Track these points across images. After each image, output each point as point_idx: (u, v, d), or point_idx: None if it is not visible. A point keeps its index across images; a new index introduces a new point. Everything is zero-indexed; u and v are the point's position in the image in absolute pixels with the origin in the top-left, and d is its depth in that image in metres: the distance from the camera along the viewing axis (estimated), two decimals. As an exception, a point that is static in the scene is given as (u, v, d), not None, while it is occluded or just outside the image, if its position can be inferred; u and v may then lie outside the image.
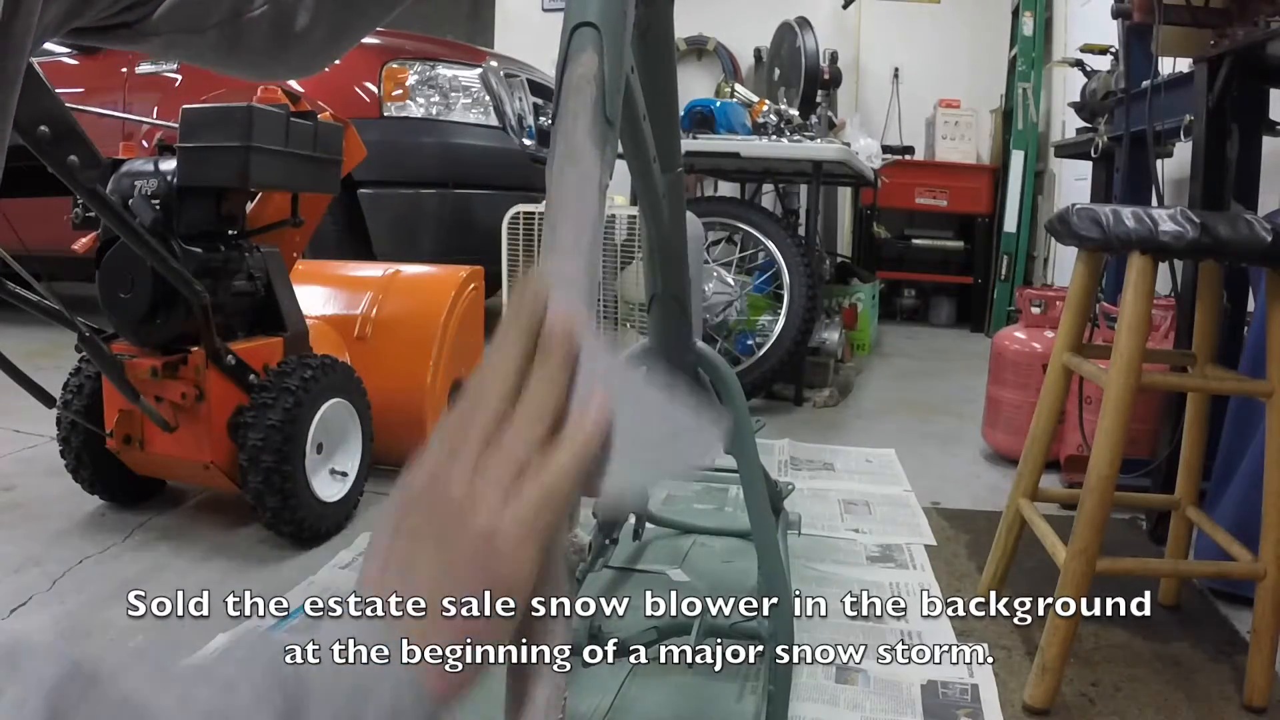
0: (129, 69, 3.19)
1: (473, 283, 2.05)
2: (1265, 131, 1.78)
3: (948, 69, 5.21)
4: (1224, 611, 1.46)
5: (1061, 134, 4.21)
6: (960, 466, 2.29)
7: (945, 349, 4.25)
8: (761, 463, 1.15)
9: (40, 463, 1.94)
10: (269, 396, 1.54)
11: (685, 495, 1.98)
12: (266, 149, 1.55)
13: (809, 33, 3.99)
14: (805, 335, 2.78)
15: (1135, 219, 1.15)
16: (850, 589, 1.51)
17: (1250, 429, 1.44)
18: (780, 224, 2.89)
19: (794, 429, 2.53)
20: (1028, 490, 1.44)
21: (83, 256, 1.67)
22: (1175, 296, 1.77)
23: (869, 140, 4.09)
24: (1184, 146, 2.27)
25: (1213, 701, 1.20)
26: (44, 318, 1.47)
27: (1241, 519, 1.38)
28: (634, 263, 2.44)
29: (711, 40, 5.47)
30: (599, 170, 0.56)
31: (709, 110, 3.05)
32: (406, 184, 3.06)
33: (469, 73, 3.26)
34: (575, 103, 0.57)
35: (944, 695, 1.19)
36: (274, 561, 1.54)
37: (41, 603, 1.35)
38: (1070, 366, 1.37)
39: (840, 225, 5.27)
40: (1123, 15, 2.00)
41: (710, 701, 1.17)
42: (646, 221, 1.01)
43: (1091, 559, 1.16)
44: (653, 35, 0.86)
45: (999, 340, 2.35)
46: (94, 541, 1.57)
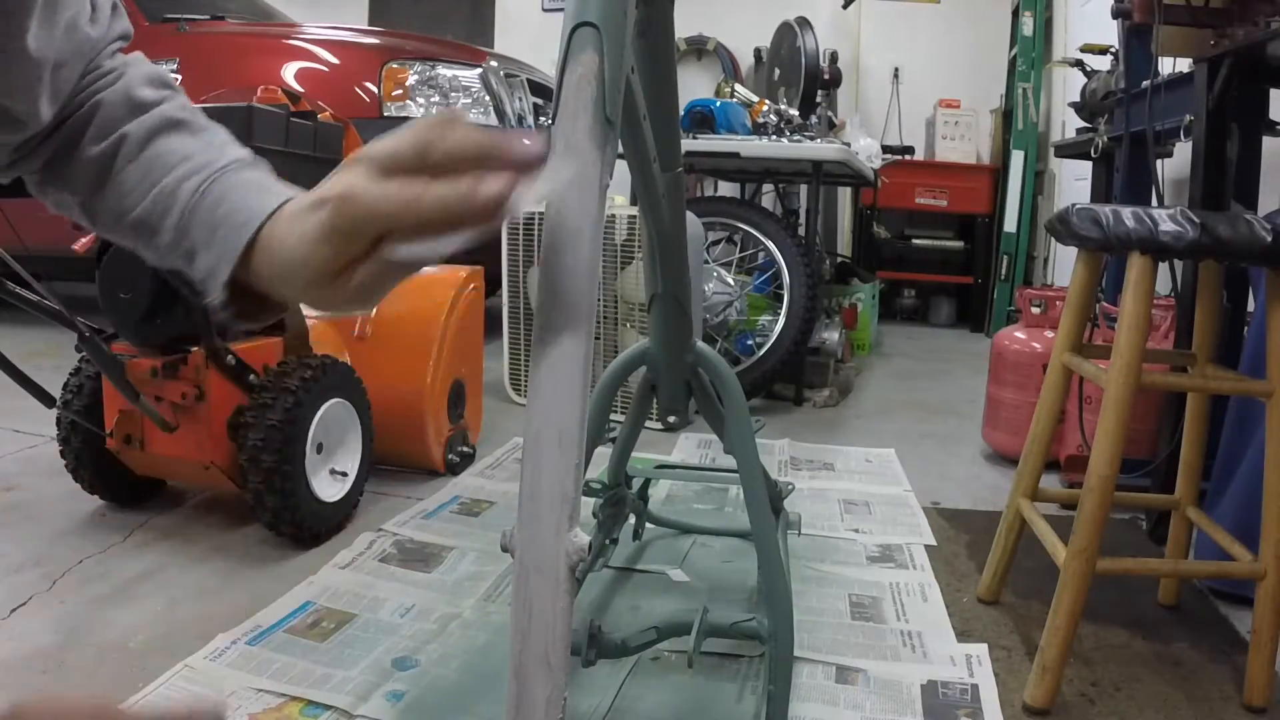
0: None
1: (473, 283, 2.05)
2: (1265, 131, 1.78)
3: (948, 69, 5.21)
4: (1224, 611, 1.46)
5: (1061, 134, 4.21)
6: (960, 466, 2.29)
7: (945, 349, 4.25)
8: (761, 463, 1.15)
9: (40, 463, 1.94)
10: (269, 396, 1.54)
11: (685, 495, 1.98)
12: (267, 149, 1.54)
13: (809, 33, 3.99)
14: (805, 335, 2.78)
15: (1135, 219, 1.15)
16: (850, 589, 1.51)
17: (1250, 429, 1.44)
18: (780, 224, 2.88)
19: (794, 429, 2.53)
20: (1028, 490, 1.44)
21: (83, 256, 1.67)
22: (1175, 296, 1.77)
23: (869, 140, 4.09)
24: (1184, 146, 2.28)
25: (1213, 701, 1.20)
26: (44, 318, 1.47)
27: (1241, 519, 1.38)
28: (634, 263, 2.44)
29: (711, 40, 5.47)
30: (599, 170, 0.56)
31: (709, 110, 3.05)
32: (406, 184, 3.06)
33: (469, 73, 3.26)
34: (575, 103, 0.57)
35: (944, 695, 1.19)
36: (274, 561, 1.54)
37: (41, 603, 1.35)
38: (1070, 366, 1.37)
39: (840, 225, 5.28)
40: (1123, 15, 2.00)
41: (710, 701, 1.17)
42: (646, 221, 1.01)
43: (1091, 559, 1.16)
44: (653, 35, 0.87)
45: (999, 340, 2.35)
46: (94, 541, 1.57)
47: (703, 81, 5.32)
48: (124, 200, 0.55)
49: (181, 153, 0.54)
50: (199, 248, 0.51)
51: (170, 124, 0.56)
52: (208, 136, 0.56)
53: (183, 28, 3.23)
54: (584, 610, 1.38)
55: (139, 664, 1.19)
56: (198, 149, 0.55)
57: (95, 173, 0.56)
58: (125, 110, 0.57)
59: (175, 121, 0.56)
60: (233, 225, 0.50)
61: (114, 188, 0.55)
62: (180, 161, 0.54)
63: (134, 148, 0.55)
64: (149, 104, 0.57)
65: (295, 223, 0.46)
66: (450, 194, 0.41)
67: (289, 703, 1.12)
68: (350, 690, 1.15)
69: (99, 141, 0.56)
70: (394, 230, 0.42)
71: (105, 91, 0.57)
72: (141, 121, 0.56)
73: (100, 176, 0.56)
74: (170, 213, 0.52)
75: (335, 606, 1.38)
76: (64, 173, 0.57)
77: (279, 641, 1.26)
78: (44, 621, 1.30)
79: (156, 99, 0.58)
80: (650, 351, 1.16)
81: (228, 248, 0.49)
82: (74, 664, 1.19)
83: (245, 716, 1.09)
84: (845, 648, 1.31)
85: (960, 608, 1.46)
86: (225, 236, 0.50)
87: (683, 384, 1.17)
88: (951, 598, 1.49)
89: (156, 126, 0.56)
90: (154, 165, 0.54)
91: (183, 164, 0.54)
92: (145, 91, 0.58)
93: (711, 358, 1.15)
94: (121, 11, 0.62)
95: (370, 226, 0.42)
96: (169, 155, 0.54)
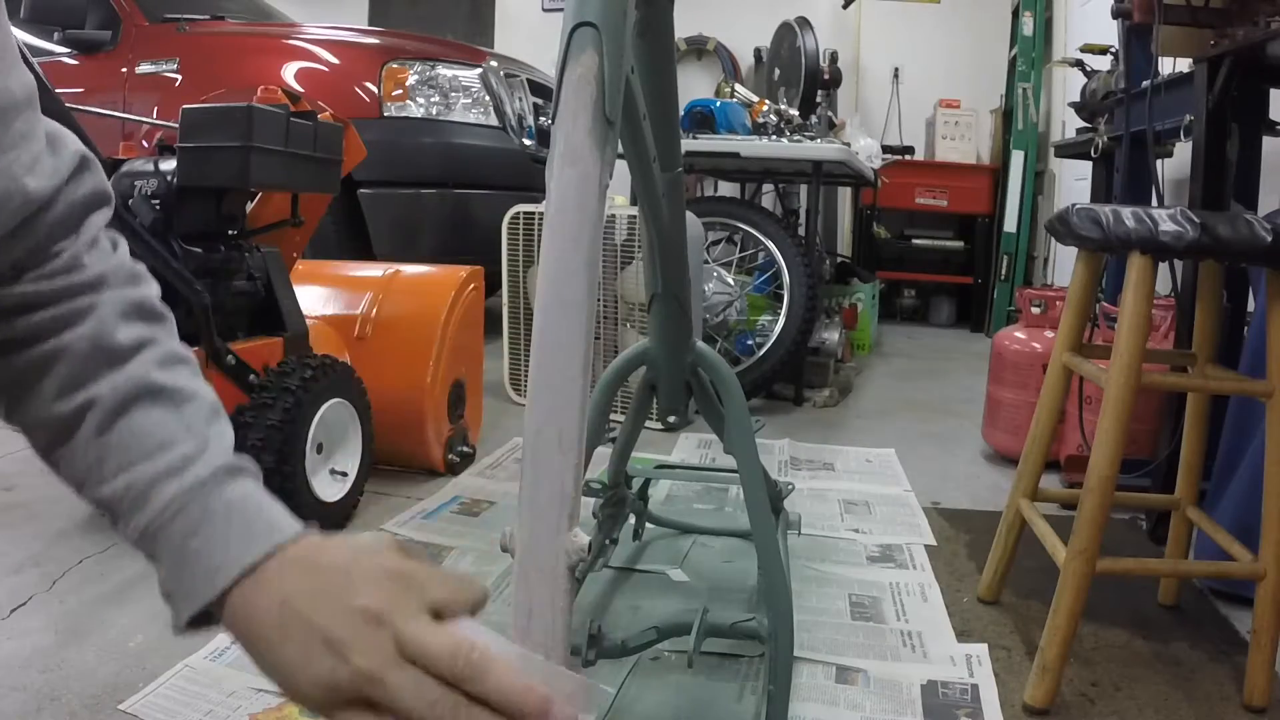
0: (129, 69, 3.19)
1: (473, 283, 2.05)
2: (1265, 131, 1.78)
3: (948, 69, 5.21)
4: (1224, 611, 1.46)
5: (1061, 134, 4.21)
6: (960, 466, 2.29)
7: (945, 349, 4.25)
8: (761, 463, 1.15)
9: (40, 463, 1.94)
10: (269, 396, 1.54)
11: (685, 495, 1.98)
12: (266, 149, 1.54)
13: (809, 33, 3.99)
14: (805, 335, 2.78)
15: (1135, 219, 1.15)
16: (850, 589, 1.51)
17: (1250, 429, 1.44)
18: (780, 224, 2.88)
19: (794, 429, 2.53)
20: (1028, 490, 1.44)
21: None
22: (1175, 296, 1.77)
23: (869, 140, 4.09)
24: (1184, 146, 2.28)
25: (1213, 701, 1.20)
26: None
27: (1241, 519, 1.38)
28: (634, 263, 2.44)
29: (711, 40, 5.47)
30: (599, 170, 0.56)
31: (709, 110, 3.05)
32: (406, 184, 3.06)
33: (469, 73, 3.26)
34: (575, 103, 0.57)
35: (944, 695, 1.19)
36: (274, 561, 1.53)
37: (41, 603, 1.35)
38: (1070, 366, 1.37)
39: (840, 225, 5.28)
40: (1123, 15, 2.00)
41: (710, 701, 1.17)
42: (646, 221, 1.01)
43: (1091, 559, 1.16)
44: (652, 35, 0.87)
45: (999, 340, 2.35)
46: (94, 541, 1.57)
47: (703, 81, 5.32)
48: (89, 473, 0.48)
49: (159, 438, 0.47)
50: (163, 570, 0.46)
51: (148, 392, 0.48)
52: (190, 414, 0.49)
53: (182, 28, 3.23)
54: (584, 610, 1.38)
55: (139, 664, 1.19)
56: (178, 435, 0.47)
57: (57, 431, 0.49)
58: (95, 363, 0.48)
59: (154, 390, 0.48)
60: (202, 570, 0.44)
61: (78, 455, 0.48)
62: (156, 450, 0.47)
63: (104, 418, 0.47)
64: (125, 354, 0.49)
65: (287, 616, 0.42)
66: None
67: (289, 702, 1.12)
68: (350, 690, 1.14)
69: (62, 398, 0.48)
70: None
71: (72, 333, 0.48)
72: (116, 386, 0.48)
73: (61, 436, 0.49)
74: (137, 515, 0.46)
75: (335, 606, 1.38)
76: (16, 415, 0.50)
77: (279, 641, 1.26)
78: (44, 621, 1.30)
79: (134, 344, 0.49)
80: (650, 351, 1.16)
81: (192, 592, 0.44)
82: (74, 664, 1.19)
83: (245, 716, 1.09)
84: (845, 648, 1.31)
85: (960, 608, 1.46)
86: (191, 579, 0.45)
87: (682, 384, 1.17)
88: (951, 598, 1.49)
89: (131, 395, 0.48)
90: (126, 446, 0.47)
91: (160, 454, 0.47)
92: (122, 334, 0.49)
93: (711, 358, 1.15)
94: (94, 169, 0.51)
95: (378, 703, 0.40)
96: (145, 438, 0.47)
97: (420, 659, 0.40)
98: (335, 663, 0.40)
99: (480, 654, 0.40)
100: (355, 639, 0.40)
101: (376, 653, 0.40)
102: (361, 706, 0.40)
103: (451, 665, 0.39)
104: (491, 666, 0.39)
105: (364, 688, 0.39)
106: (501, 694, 0.39)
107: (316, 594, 0.42)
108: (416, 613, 0.41)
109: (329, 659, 0.40)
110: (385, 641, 0.40)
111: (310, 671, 0.41)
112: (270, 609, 0.43)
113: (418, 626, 0.40)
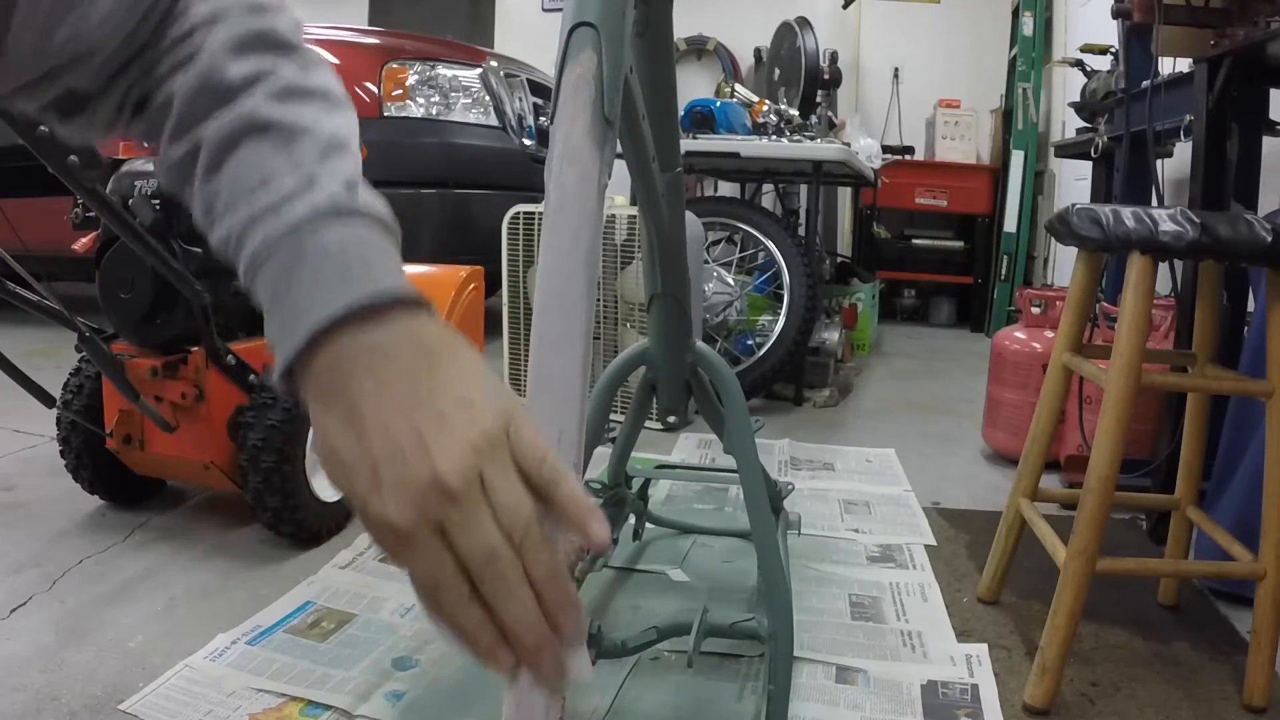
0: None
1: (473, 283, 2.05)
2: (1265, 131, 1.78)
3: (948, 69, 5.21)
4: (1224, 611, 1.46)
5: (1061, 134, 4.21)
6: (960, 466, 2.29)
7: (945, 349, 4.25)
8: (761, 463, 1.15)
9: (40, 463, 1.94)
10: (269, 396, 1.54)
11: (685, 495, 1.98)
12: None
13: (809, 33, 3.99)
14: (805, 335, 2.78)
15: (1135, 219, 1.15)
16: (850, 589, 1.51)
17: (1250, 429, 1.44)
18: (780, 224, 2.88)
19: (794, 429, 2.53)
20: (1028, 490, 1.44)
21: (83, 256, 1.67)
22: (1175, 296, 1.77)
23: (869, 140, 4.09)
24: (1184, 146, 2.28)
25: (1213, 701, 1.20)
26: (44, 318, 1.47)
27: (1241, 519, 1.38)
28: (634, 263, 2.44)
29: (711, 40, 5.47)
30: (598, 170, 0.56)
31: (709, 110, 3.05)
32: (406, 184, 3.06)
33: (469, 73, 3.26)
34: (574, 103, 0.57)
35: (944, 695, 1.19)
36: (274, 561, 1.54)
37: (41, 603, 1.35)
38: (1070, 366, 1.37)
39: (840, 225, 5.28)
40: (1123, 15, 2.00)
41: (710, 701, 1.17)
42: (646, 221, 1.01)
43: (1091, 559, 1.16)
44: (652, 35, 0.87)
45: (999, 340, 2.35)
46: (94, 541, 1.57)
47: (703, 81, 5.32)
48: (205, 221, 0.46)
49: (259, 175, 0.43)
50: (267, 314, 0.43)
51: (255, 128, 0.45)
52: (301, 149, 0.45)
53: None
54: (584, 610, 1.38)
55: (139, 664, 1.19)
56: (280, 171, 0.44)
57: (181, 181, 0.47)
58: (204, 103, 0.45)
59: (261, 125, 0.45)
60: (289, 318, 0.41)
61: (197, 203, 0.47)
62: (258, 188, 0.43)
63: (210, 159, 0.45)
64: (234, 90, 0.45)
65: (369, 389, 0.39)
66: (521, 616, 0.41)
67: (289, 703, 1.12)
68: (350, 690, 1.15)
69: (175, 143, 0.47)
70: None
71: (184, 76, 0.46)
72: (221, 125, 0.45)
73: (184, 186, 0.47)
74: (238, 260, 0.44)
75: (335, 606, 1.38)
76: (164, 179, 0.49)
77: (279, 641, 1.26)
78: (44, 621, 1.30)
79: (247, 79, 0.46)
80: (650, 351, 1.16)
81: (280, 343, 0.41)
82: (74, 664, 1.19)
83: (245, 716, 1.09)
84: (845, 648, 1.31)
85: (960, 608, 1.46)
86: (280, 329, 0.41)
87: (682, 384, 1.17)
88: (951, 598, 1.49)
89: (237, 132, 0.45)
90: (229, 189, 0.44)
91: (259, 193, 0.43)
92: (232, 70, 0.45)
93: (711, 358, 1.15)
94: None
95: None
96: (246, 178, 0.44)
97: (515, 455, 0.40)
98: (419, 458, 0.37)
99: (556, 463, 0.41)
100: (458, 416, 0.39)
101: (472, 444, 0.38)
102: (436, 534, 0.37)
103: (539, 468, 0.40)
104: (565, 477, 0.40)
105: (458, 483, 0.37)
106: (574, 502, 0.40)
107: (404, 377, 0.40)
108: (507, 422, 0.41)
109: (418, 450, 0.37)
110: (480, 435, 0.38)
111: (392, 469, 0.37)
112: (355, 373, 0.39)
113: (515, 426, 0.40)
